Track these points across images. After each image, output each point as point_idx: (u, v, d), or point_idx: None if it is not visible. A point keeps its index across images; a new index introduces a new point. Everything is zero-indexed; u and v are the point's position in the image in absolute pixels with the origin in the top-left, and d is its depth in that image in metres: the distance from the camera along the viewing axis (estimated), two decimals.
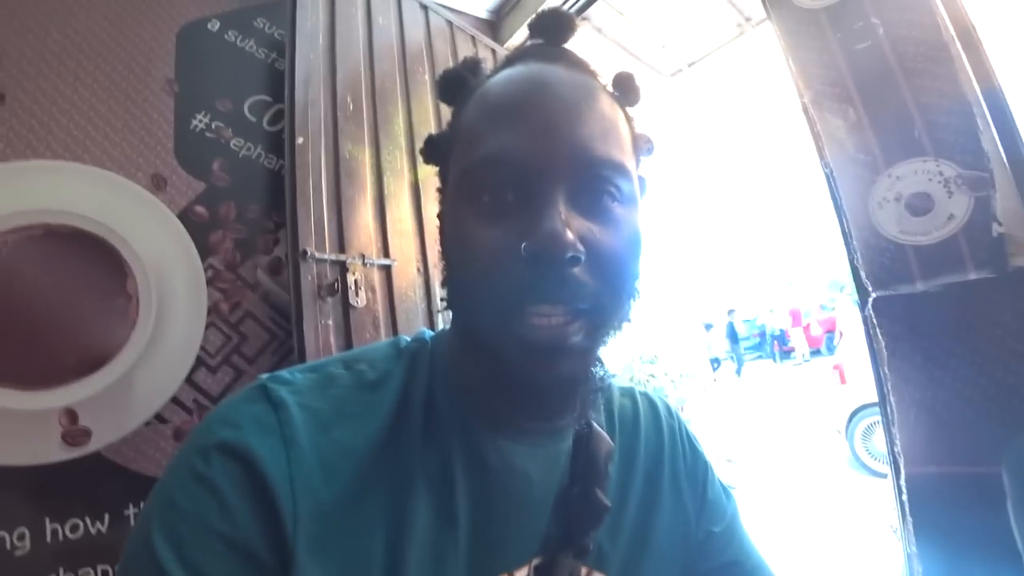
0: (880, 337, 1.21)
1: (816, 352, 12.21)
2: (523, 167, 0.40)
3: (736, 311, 13.11)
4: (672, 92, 3.08)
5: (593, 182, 0.42)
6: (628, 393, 0.62)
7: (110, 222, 1.26)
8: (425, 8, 2.00)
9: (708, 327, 12.83)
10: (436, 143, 0.53)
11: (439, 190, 0.52)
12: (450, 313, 0.49)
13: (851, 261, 1.27)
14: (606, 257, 0.41)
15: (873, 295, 1.21)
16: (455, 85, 0.52)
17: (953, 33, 1.13)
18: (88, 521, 1.16)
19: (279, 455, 0.38)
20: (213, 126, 1.52)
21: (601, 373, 0.46)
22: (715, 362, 12.20)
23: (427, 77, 1.92)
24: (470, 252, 0.42)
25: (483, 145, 0.42)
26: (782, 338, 13.22)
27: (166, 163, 1.41)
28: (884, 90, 1.22)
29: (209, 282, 1.42)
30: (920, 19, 1.17)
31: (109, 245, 1.26)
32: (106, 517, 1.18)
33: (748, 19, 2.66)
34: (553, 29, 0.50)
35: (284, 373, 0.44)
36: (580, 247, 0.38)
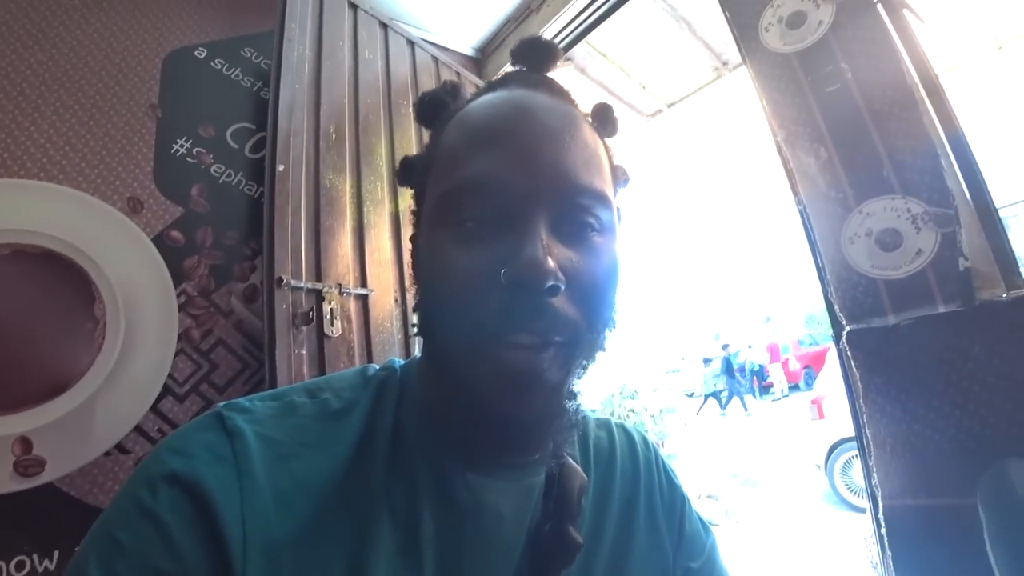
0: (855, 370, 1.22)
1: (795, 387, 12.27)
2: (505, 192, 0.40)
3: (731, 345, 13.07)
4: (652, 131, 3.18)
5: (575, 211, 0.42)
6: (604, 425, 0.61)
7: (81, 244, 1.23)
8: (412, 44, 2.05)
9: (707, 361, 12.81)
10: (412, 165, 0.52)
11: (414, 212, 0.51)
12: (422, 340, 0.47)
13: (825, 295, 1.29)
14: (585, 286, 0.41)
15: (847, 328, 1.23)
16: (434, 108, 0.51)
17: (917, 80, 1.18)
18: (36, 558, 1.10)
19: (232, 488, 0.36)
20: (194, 151, 1.52)
21: (575, 407, 0.44)
22: (713, 396, 12.12)
23: (411, 111, 1.95)
24: (446, 277, 0.40)
25: (464, 168, 0.41)
26: (761, 373, 13.29)
27: (144, 186, 1.40)
28: (853, 131, 1.26)
29: (181, 308, 1.39)
30: (886, 66, 1.22)
31: (78, 267, 1.23)
32: (55, 554, 1.12)
33: (725, 63, 2.78)
34: (535, 57, 0.50)
35: (243, 401, 0.43)
36: (560, 276, 0.38)
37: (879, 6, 1.26)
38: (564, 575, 0.45)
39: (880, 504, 1.17)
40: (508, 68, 0.52)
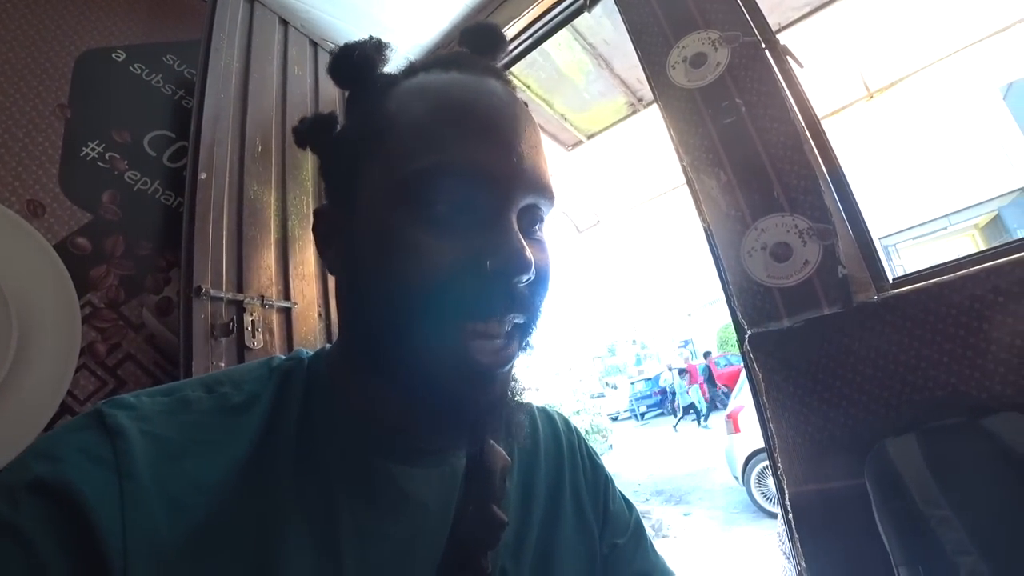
0: (757, 370, 1.33)
1: (712, 407, 12.62)
2: (489, 181, 0.39)
3: (712, 353, 12.84)
4: (572, 161, 3.36)
5: (535, 207, 0.43)
6: (526, 409, 0.63)
7: None
8: None
9: (683, 372, 12.72)
10: (325, 127, 0.49)
11: (328, 179, 0.48)
12: (346, 328, 0.46)
13: (729, 303, 1.41)
14: (541, 278, 0.43)
15: (748, 332, 1.34)
16: (362, 64, 0.47)
17: (799, 114, 1.35)
18: None
19: (110, 491, 0.32)
20: (107, 156, 1.44)
21: (519, 388, 0.45)
22: (690, 409, 12.15)
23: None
24: (410, 262, 0.38)
25: (443, 150, 0.39)
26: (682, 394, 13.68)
27: (47, 189, 1.31)
28: (747, 156, 1.40)
29: (85, 320, 1.29)
30: (773, 101, 1.38)
31: None
32: None
33: (640, 99, 3.01)
34: (487, 43, 0.50)
35: (128, 397, 0.39)
36: (534, 268, 0.39)
37: (766, 52, 1.44)
38: (492, 557, 0.45)
39: (786, 492, 1.26)
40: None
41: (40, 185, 1.30)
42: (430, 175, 0.39)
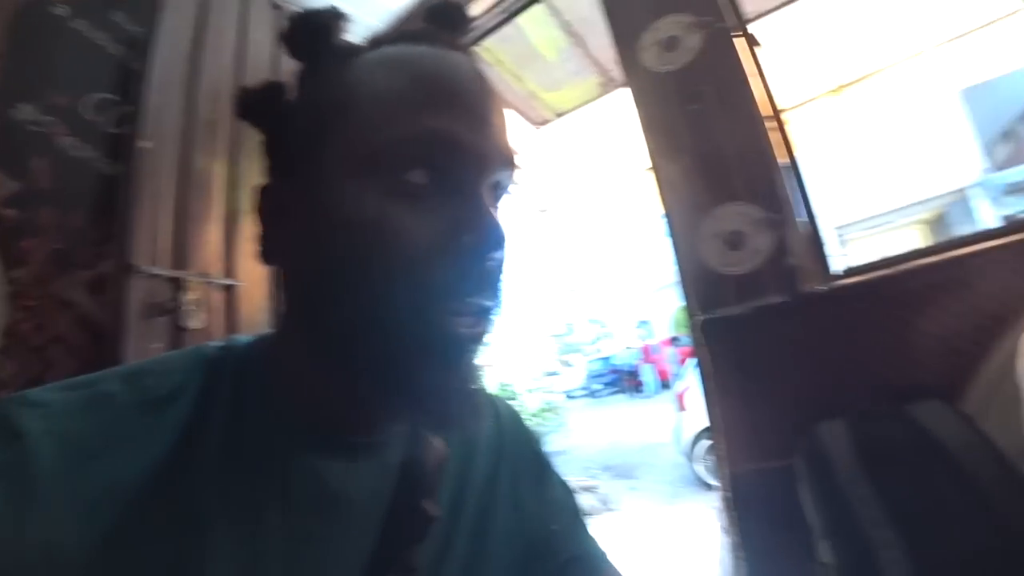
0: (706, 355, 1.38)
1: (665, 385, 12.69)
2: (463, 153, 0.39)
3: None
4: (540, 139, 3.33)
5: (503, 181, 0.43)
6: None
7: None
8: None
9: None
10: (273, 97, 0.47)
11: (276, 155, 0.46)
12: (293, 313, 0.44)
13: (683, 288, 1.45)
14: (506, 252, 0.42)
15: (700, 318, 1.38)
16: (318, 34, 0.45)
17: (764, 108, 1.37)
18: None
19: (7, 503, 0.30)
20: (42, 119, 1.33)
21: (480, 373, 0.43)
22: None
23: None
24: (382, 236, 0.37)
25: (415, 121, 0.38)
26: (635, 373, 13.81)
27: None
28: (710, 144, 1.41)
29: (10, 298, 1.20)
30: (740, 91, 1.39)
31: None
32: None
33: (612, 80, 2.98)
34: (452, 22, 0.49)
35: (37, 392, 0.36)
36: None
37: (737, 40, 1.44)
38: (420, 550, 0.45)
39: (727, 471, 1.32)
40: None
41: None
42: (406, 144, 0.38)
